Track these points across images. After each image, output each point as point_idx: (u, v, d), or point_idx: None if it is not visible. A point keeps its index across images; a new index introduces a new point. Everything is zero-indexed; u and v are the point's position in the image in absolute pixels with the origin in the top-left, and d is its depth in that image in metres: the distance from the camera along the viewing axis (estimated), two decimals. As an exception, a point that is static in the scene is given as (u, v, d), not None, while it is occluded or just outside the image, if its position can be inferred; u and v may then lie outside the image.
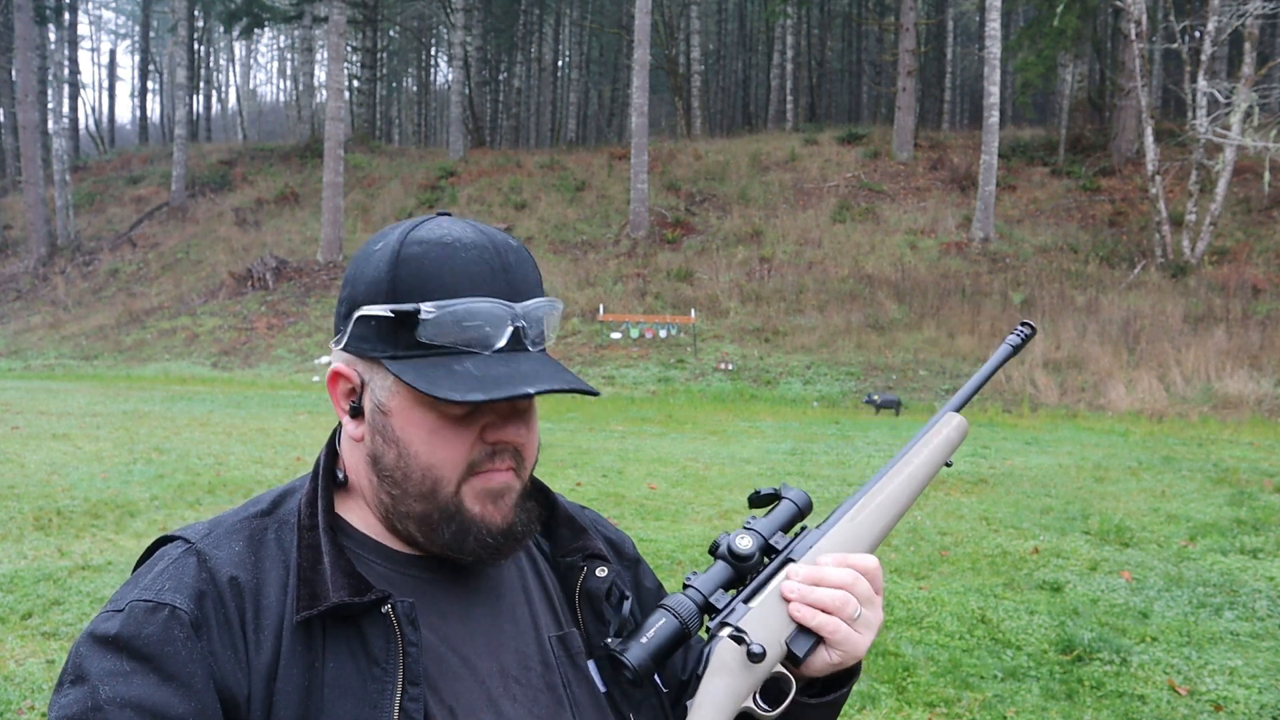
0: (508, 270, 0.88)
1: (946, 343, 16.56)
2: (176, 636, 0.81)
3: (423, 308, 0.84)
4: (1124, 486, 7.96)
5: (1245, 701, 3.81)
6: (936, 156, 25.11)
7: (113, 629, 0.81)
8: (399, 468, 0.88)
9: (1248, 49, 18.10)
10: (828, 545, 0.96)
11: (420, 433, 0.87)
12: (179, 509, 6.73)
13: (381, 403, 0.88)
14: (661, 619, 0.89)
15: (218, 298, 22.80)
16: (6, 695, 3.66)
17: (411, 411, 0.87)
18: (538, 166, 27.65)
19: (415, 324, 0.85)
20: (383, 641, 0.84)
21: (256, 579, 0.86)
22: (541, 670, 0.93)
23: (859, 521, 0.98)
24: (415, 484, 0.88)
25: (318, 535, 0.88)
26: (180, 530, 0.91)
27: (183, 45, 32.78)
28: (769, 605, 0.92)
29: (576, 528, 1.04)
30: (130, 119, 58.37)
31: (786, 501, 0.98)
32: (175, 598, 0.82)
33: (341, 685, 0.83)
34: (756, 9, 40.86)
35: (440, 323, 0.84)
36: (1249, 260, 18.04)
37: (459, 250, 0.87)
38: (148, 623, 0.81)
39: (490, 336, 0.86)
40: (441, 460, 0.87)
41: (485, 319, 0.85)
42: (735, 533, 0.95)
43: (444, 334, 0.85)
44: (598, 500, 7.25)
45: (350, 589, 0.84)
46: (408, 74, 51.20)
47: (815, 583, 0.91)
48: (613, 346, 17.99)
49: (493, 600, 0.95)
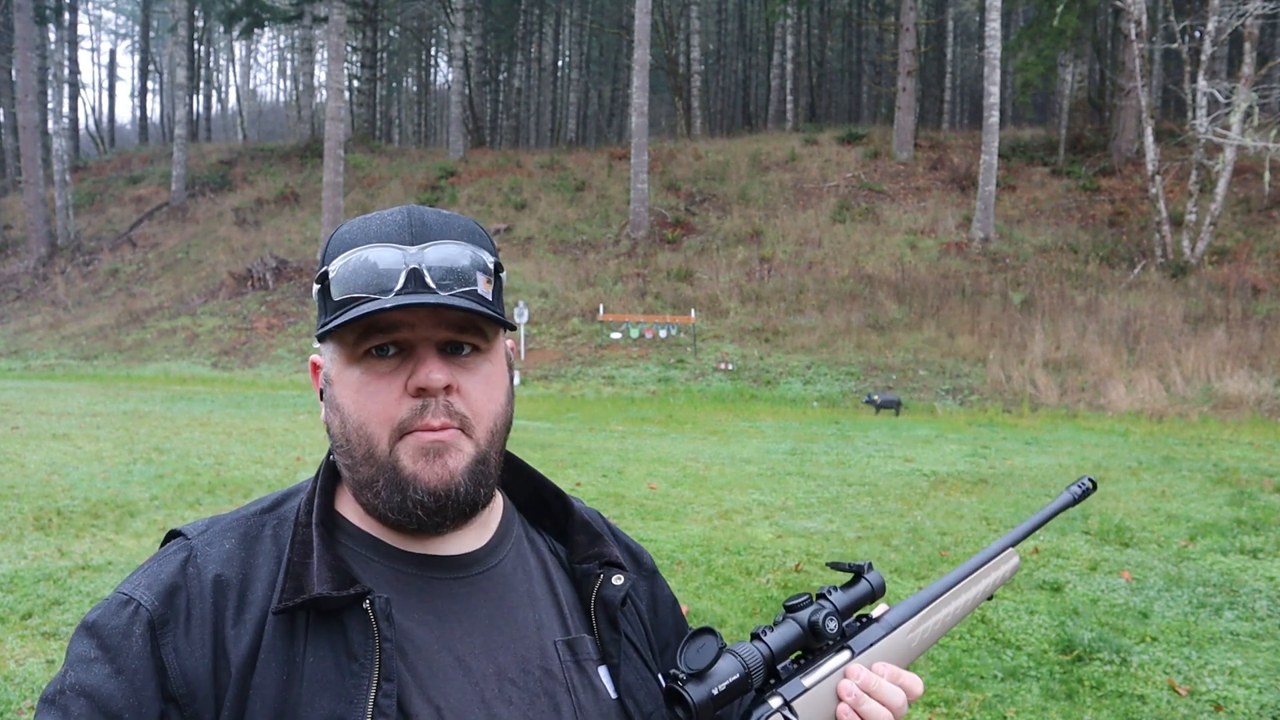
0: (420, 223, 0.89)
1: (946, 343, 16.56)
2: (134, 632, 0.83)
3: (330, 266, 0.88)
4: (1124, 486, 7.96)
5: (1245, 701, 3.81)
6: (936, 156, 25.12)
7: (92, 616, 0.86)
8: (342, 433, 0.90)
9: (1248, 49, 18.11)
10: (885, 649, 1.00)
11: (349, 391, 0.89)
12: (179, 509, 6.73)
13: (328, 374, 0.92)
14: (733, 669, 0.89)
15: (218, 298, 22.80)
16: (6, 695, 3.66)
17: (343, 373, 0.89)
18: (538, 166, 27.66)
19: (327, 285, 0.88)
20: (362, 637, 0.84)
21: (244, 575, 0.87)
22: (540, 674, 0.92)
23: (914, 635, 1.02)
24: (355, 446, 0.88)
25: (309, 530, 0.89)
26: (186, 525, 0.93)
27: (183, 45, 32.79)
28: (822, 692, 0.95)
29: (593, 534, 1.03)
30: (130, 119, 58.40)
31: (865, 584, 1.00)
32: (144, 594, 0.85)
33: (320, 680, 0.83)
34: (756, 9, 40.86)
35: (341, 275, 0.87)
36: (1249, 260, 18.04)
37: (374, 219, 0.90)
38: (116, 615, 0.84)
39: (385, 278, 0.85)
40: (369, 415, 0.87)
41: (375, 261, 0.86)
42: (822, 608, 0.96)
43: (346, 285, 0.86)
44: (598, 500, 7.25)
45: (333, 582, 0.84)
46: (408, 74, 51.21)
47: (869, 693, 0.94)
48: (613, 346, 17.99)
49: (495, 601, 0.94)
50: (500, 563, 0.97)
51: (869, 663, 0.96)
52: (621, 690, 0.95)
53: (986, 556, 1.08)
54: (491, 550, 0.97)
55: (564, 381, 16.73)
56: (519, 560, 0.99)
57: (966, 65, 41.29)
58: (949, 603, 1.04)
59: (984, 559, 1.08)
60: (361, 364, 0.88)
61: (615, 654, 0.96)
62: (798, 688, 0.93)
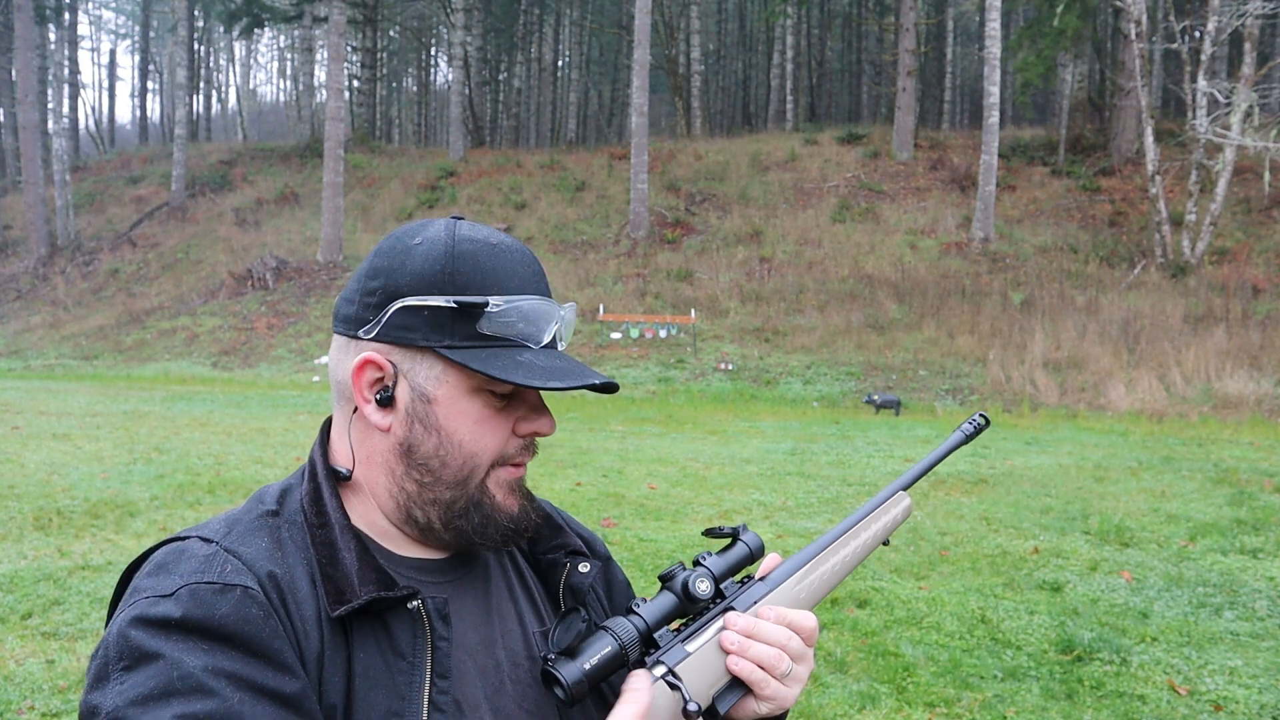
0: (543, 274, 0.96)
1: (946, 343, 16.55)
2: (254, 615, 0.79)
3: (491, 300, 0.89)
4: (1124, 486, 7.96)
5: (1245, 701, 3.81)
6: (936, 156, 25.11)
7: (175, 612, 0.77)
8: (437, 455, 0.91)
9: (1248, 49, 18.11)
10: (771, 603, 0.98)
11: (466, 421, 0.91)
12: (179, 509, 6.73)
13: (426, 391, 0.90)
14: (605, 644, 0.89)
15: (218, 298, 22.80)
16: (6, 695, 3.65)
17: (460, 400, 0.90)
18: (538, 166, 27.65)
19: (478, 316, 0.89)
20: (409, 635, 0.86)
21: (289, 573, 0.86)
22: (529, 665, 0.96)
23: (802, 587, 1.01)
24: (452, 471, 0.91)
25: (329, 532, 0.89)
26: (193, 530, 0.89)
27: (183, 45, 32.78)
28: (706, 654, 0.93)
29: (555, 525, 1.07)
30: (130, 119, 58.40)
31: (741, 545, 0.99)
32: (242, 579, 0.81)
33: (371, 677, 0.84)
34: (756, 9, 40.86)
35: (503, 316, 0.89)
36: (1249, 260, 18.03)
37: (506, 251, 0.93)
38: (218, 603, 0.78)
39: (541, 332, 0.92)
40: (483, 447, 0.92)
41: (540, 316, 0.92)
42: (694, 572, 0.95)
43: (505, 327, 0.90)
44: (598, 500, 7.25)
45: (379, 584, 0.86)
46: (408, 74, 51.19)
47: (752, 636, 0.93)
48: (613, 346, 17.99)
49: (483, 599, 0.97)
50: (483, 560, 1.00)
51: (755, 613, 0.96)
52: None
53: (876, 502, 1.07)
54: (475, 551, 0.99)
55: (564, 381, 16.71)
56: (498, 557, 1.03)
57: (966, 65, 41.29)
58: (836, 551, 1.03)
59: (873, 505, 1.07)
60: (480, 397, 0.91)
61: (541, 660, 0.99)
62: (680, 654, 0.92)
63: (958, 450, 1.12)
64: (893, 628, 4.60)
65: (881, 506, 1.07)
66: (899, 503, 1.08)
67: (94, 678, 0.77)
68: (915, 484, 1.09)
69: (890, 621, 4.68)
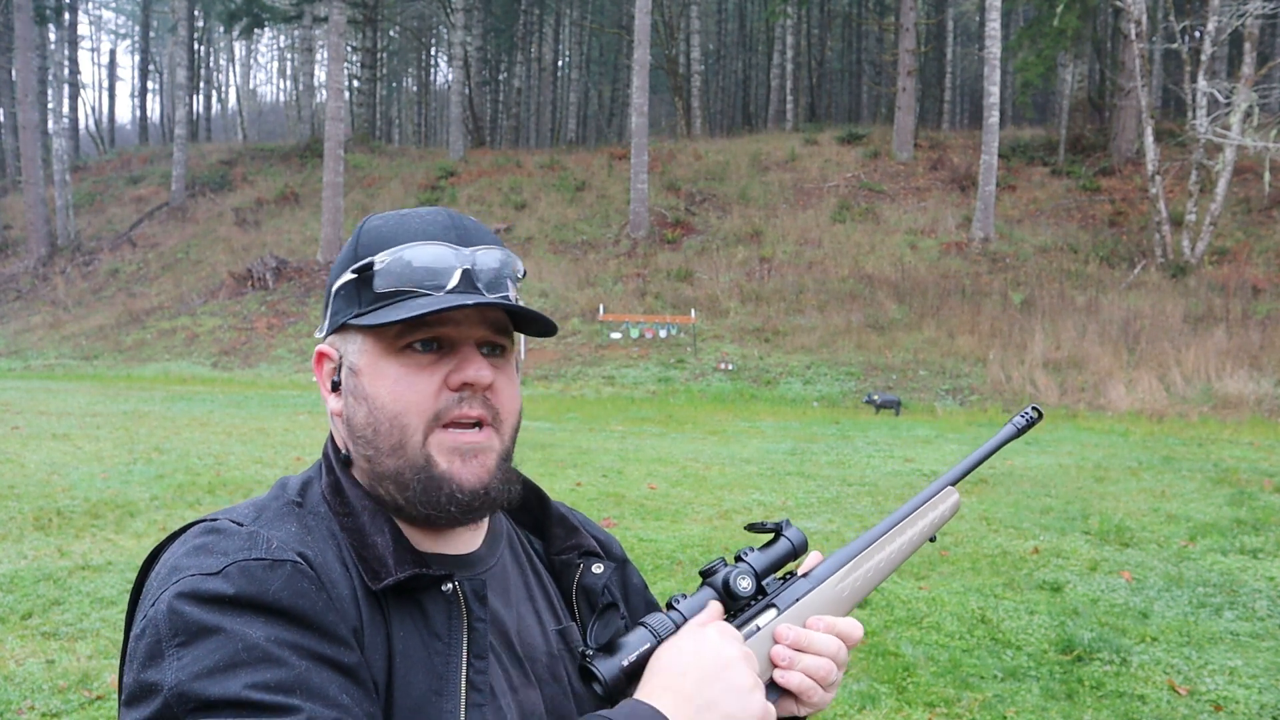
0: (462, 226, 0.94)
1: (946, 343, 16.55)
2: (308, 589, 0.79)
3: (377, 257, 0.90)
4: (1124, 486, 7.96)
5: (1245, 701, 3.81)
6: (936, 156, 25.11)
7: (227, 588, 0.76)
8: (369, 424, 0.90)
9: (1248, 49, 18.10)
10: (814, 602, 0.97)
11: (385, 382, 0.90)
12: (179, 509, 6.73)
13: (353, 365, 0.92)
14: (644, 641, 0.88)
15: (218, 298, 22.80)
16: (6, 695, 3.65)
17: (378, 364, 0.90)
18: (538, 166, 27.65)
19: (371, 276, 0.90)
20: (444, 616, 0.87)
21: (321, 556, 0.86)
22: (547, 660, 0.97)
23: (845, 584, 0.99)
24: (384, 437, 0.89)
25: (357, 519, 0.90)
26: (220, 514, 0.89)
27: (183, 45, 32.77)
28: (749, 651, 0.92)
29: (569, 526, 1.08)
30: (130, 119, 58.39)
31: (785, 541, 0.97)
32: (290, 554, 0.80)
33: (410, 656, 0.85)
34: (756, 9, 40.86)
35: (391, 269, 0.89)
36: (1249, 260, 18.03)
37: (411, 217, 0.94)
38: (270, 578, 0.78)
39: (440, 275, 0.89)
40: (406, 406, 0.89)
41: (432, 258, 0.90)
42: (735, 569, 0.94)
43: (396, 279, 0.89)
44: (598, 500, 7.25)
45: (415, 564, 0.87)
46: (408, 74, 51.19)
47: (802, 650, 0.92)
48: (613, 346, 17.98)
49: (501, 594, 0.97)
50: (500, 559, 1.00)
51: (799, 618, 0.95)
52: None
53: (924, 497, 1.05)
54: (491, 548, 1.00)
55: (564, 381, 16.73)
56: (514, 556, 1.03)
57: (966, 65, 41.28)
58: (883, 548, 1.01)
59: (920, 500, 1.05)
60: (401, 356, 0.89)
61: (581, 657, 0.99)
62: None
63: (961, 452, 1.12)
64: (893, 628, 4.60)
65: (929, 502, 1.05)
66: (947, 498, 1.06)
67: (146, 655, 0.75)
68: (964, 479, 1.07)
69: (890, 621, 4.68)
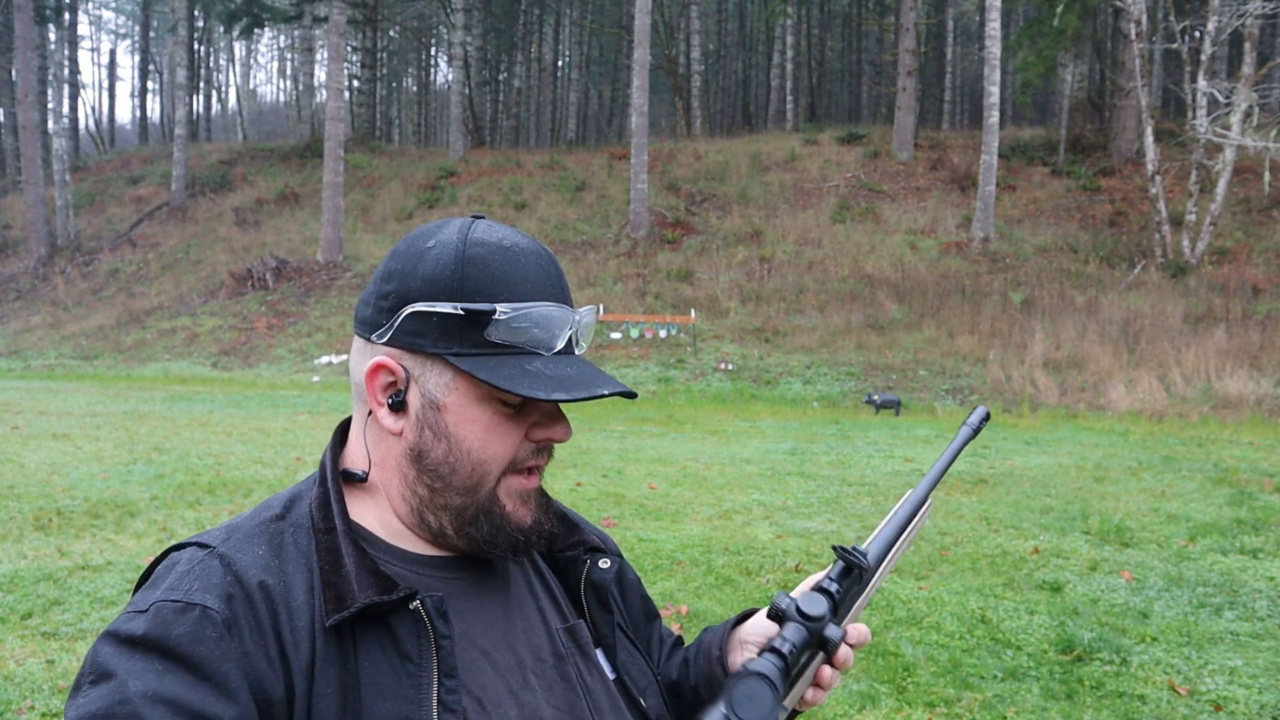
0: (560, 277, 0.95)
1: (946, 343, 16.55)
2: (209, 636, 0.80)
3: (498, 308, 0.88)
4: (1124, 486, 7.96)
5: (1245, 701, 3.81)
6: (936, 156, 25.11)
7: (139, 629, 0.80)
8: (447, 462, 0.91)
9: (1248, 49, 18.10)
10: None
11: (475, 428, 0.90)
12: (179, 509, 6.73)
13: (435, 398, 0.90)
14: None
15: (218, 298, 22.80)
16: (6, 695, 3.65)
17: (470, 407, 0.90)
18: (538, 166, 27.65)
19: (486, 323, 0.88)
20: (413, 638, 0.85)
21: (283, 582, 0.86)
22: (554, 661, 0.97)
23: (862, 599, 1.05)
24: (462, 478, 0.91)
25: (335, 538, 0.89)
26: (195, 537, 0.90)
27: (183, 45, 32.77)
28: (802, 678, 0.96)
29: (570, 524, 1.08)
30: (130, 119, 58.40)
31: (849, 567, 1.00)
32: (205, 598, 0.81)
33: (378, 685, 0.84)
34: (756, 9, 40.86)
35: (512, 324, 0.88)
36: (1249, 260, 18.03)
37: (519, 255, 0.92)
38: (177, 623, 0.80)
39: (553, 339, 0.91)
40: (492, 455, 0.91)
41: (552, 323, 0.91)
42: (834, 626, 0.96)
43: (514, 334, 0.89)
44: (598, 500, 7.25)
45: (377, 588, 0.85)
46: (408, 74, 51.20)
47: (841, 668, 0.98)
48: (613, 346, 17.98)
49: (503, 597, 0.98)
50: (504, 559, 1.00)
51: None
52: (619, 669, 1.01)
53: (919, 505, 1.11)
54: None
55: (564, 381, 16.71)
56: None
57: (966, 65, 41.28)
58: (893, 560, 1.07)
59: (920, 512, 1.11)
60: (492, 404, 0.90)
61: (609, 635, 1.02)
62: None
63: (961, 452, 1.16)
64: (892, 628, 4.60)
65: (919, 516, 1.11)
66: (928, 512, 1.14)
67: (73, 685, 0.80)
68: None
69: (890, 621, 4.68)
